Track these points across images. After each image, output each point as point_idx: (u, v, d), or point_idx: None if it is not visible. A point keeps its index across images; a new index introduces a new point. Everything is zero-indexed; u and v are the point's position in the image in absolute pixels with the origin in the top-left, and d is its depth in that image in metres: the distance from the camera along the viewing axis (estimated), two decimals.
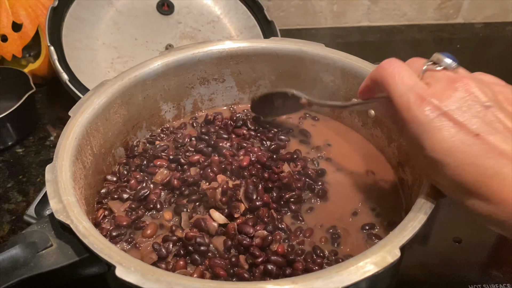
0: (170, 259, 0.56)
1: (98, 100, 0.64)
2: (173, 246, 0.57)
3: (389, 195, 0.65)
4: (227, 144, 0.70)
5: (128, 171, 0.68)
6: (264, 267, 0.52)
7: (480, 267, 0.68)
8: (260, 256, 0.53)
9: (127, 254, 0.44)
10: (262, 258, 0.53)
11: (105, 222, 0.61)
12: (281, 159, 0.67)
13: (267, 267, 0.52)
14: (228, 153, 0.67)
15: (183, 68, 0.75)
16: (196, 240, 0.55)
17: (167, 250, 0.56)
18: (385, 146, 0.70)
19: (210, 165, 0.65)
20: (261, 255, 0.53)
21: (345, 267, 0.42)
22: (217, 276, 0.52)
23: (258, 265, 0.53)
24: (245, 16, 1.09)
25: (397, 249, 0.43)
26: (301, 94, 0.69)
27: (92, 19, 0.98)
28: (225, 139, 0.72)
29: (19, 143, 0.94)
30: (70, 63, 0.92)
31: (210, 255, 0.56)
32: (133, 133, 0.73)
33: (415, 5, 1.32)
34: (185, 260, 0.55)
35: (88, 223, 0.48)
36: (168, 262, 0.55)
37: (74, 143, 0.58)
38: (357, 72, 0.70)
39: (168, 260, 0.56)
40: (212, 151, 0.70)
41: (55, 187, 0.51)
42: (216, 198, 0.59)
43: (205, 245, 0.55)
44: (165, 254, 0.55)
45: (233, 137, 0.73)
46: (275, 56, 0.76)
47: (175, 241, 0.57)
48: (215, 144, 0.70)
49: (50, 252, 0.48)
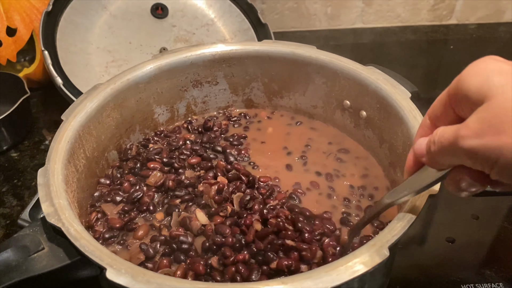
0: (157, 258, 0.56)
1: (91, 103, 0.65)
2: (160, 246, 0.57)
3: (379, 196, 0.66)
4: (235, 152, 0.72)
5: (121, 174, 0.69)
6: (235, 267, 0.53)
7: (473, 267, 0.68)
8: (230, 256, 0.53)
9: (118, 257, 0.45)
10: (232, 258, 0.53)
11: (98, 225, 0.61)
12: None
13: (238, 267, 0.52)
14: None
15: (176, 71, 0.75)
16: (179, 238, 0.56)
17: (154, 250, 0.56)
18: (377, 147, 0.71)
19: (214, 168, 0.67)
20: (231, 255, 0.54)
21: (334, 267, 0.42)
22: (198, 273, 0.53)
23: (228, 265, 0.53)
24: (239, 19, 1.10)
25: (386, 248, 0.44)
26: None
27: (86, 23, 0.98)
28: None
29: (14, 147, 0.94)
30: (64, 67, 0.92)
31: (193, 254, 0.56)
32: (126, 136, 0.74)
33: (408, 7, 1.32)
34: (169, 259, 0.56)
35: (80, 226, 0.48)
36: (156, 262, 0.56)
37: (66, 146, 0.58)
38: (348, 74, 0.70)
39: (155, 260, 0.56)
40: (213, 158, 0.71)
41: (47, 191, 0.52)
42: (210, 194, 0.59)
43: (187, 244, 0.56)
44: (152, 254, 0.56)
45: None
46: (268, 58, 0.77)
47: (162, 241, 0.57)
48: (224, 149, 0.72)
49: (42, 255, 0.48)
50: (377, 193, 0.66)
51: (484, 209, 0.76)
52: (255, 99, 0.83)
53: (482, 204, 0.77)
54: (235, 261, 0.53)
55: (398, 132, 0.63)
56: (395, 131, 0.64)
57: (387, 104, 0.65)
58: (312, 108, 0.80)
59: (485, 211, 0.75)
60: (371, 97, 0.68)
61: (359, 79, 0.69)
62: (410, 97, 0.63)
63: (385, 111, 0.66)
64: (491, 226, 0.74)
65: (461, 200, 0.77)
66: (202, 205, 0.61)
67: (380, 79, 0.67)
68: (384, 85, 0.66)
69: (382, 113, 0.67)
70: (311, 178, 0.69)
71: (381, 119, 0.68)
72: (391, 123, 0.65)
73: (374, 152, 0.72)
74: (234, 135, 0.77)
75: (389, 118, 0.65)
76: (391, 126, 0.65)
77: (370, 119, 0.70)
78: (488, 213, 0.75)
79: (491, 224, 0.75)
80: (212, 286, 0.42)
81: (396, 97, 0.64)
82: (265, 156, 0.73)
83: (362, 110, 0.71)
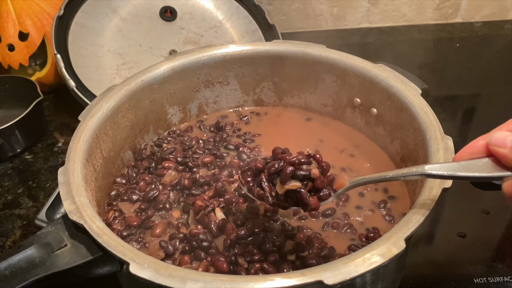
0: (177, 255, 0.57)
1: (107, 104, 0.66)
2: (179, 243, 0.58)
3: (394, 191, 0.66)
4: (247, 150, 0.73)
5: (136, 174, 0.70)
6: (260, 265, 0.54)
7: (485, 261, 0.69)
8: (257, 254, 0.55)
9: (140, 252, 0.46)
10: (259, 256, 0.55)
11: (115, 223, 0.62)
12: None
13: (263, 265, 0.54)
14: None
15: (188, 72, 0.77)
16: (199, 236, 0.57)
17: (173, 247, 0.58)
18: (388, 144, 0.71)
19: (230, 167, 0.68)
20: (258, 253, 0.55)
21: (352, 258, 0.43)
22: (221, 270, 0.54)
23: (255, 262, 0.54)
24: (247, 21, 1.11)
25: (402, 240, 0.44)
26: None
27: (97, 27, 1.00)
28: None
29: (27, 150, 0.95)
30: (76, 70, 0.94)
31: (213, 252, 0.57)
32: (141, 136, 0.75)
33: (414, 6, 1.33)
34: (190, 256, 0.57)
35: (101, 222, 0.50)
36: (175, 259, 0.57)
37: (84, 146, 0.60)
38: (358, 71, 0.71)
39: (175, 257, 0.57)
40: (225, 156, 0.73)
41: (68, 189, 0.53)
42: (229, 190, 0.60)
43: (207, 241, 0.57)
44: (172, 251, 0.57)
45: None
46: (278, 58, 0.78)
47: (181, 239, 0.58)
48: (237, 147, 0.74)
49: (65, 252, 0.49)
50: (391, 188, 0.67)
51: (494, 204, 0.76)
52: (265, 99, 0.84)
53: (492, 199, 0.77)
54: (261, 259, 0.54)
55: (409, 128, 0.64)
56: (407, 128, 0.65)
57: (398, 101, 0.66)
58: (322, 107, 0.81)
59: (495, 206, 0.76)
60: (382, 95, 0.69)
61: (369, 77, 0.70)
62: (420, 94, 0.64)
63: (396, 108, 0.67)
64: (502, 220, 0.75)
65: (472, 195, 0.78)
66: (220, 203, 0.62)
67: (390, 77, 0.68)
68: (395, 82, 0.67)
69: (393, 110, 0.68)
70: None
71: (392, 116, 0.69)
72: (402, 120, 0.66)
73: (385, 149, 0.73)
74: (246, 133, 0.79)
75: (400, 115, 0.66)
76: (402, 122, 0.66)
77: (381, 116, 0.71)
78: (498, 208, 0.76)
79: (502, 219, 0.75)
80: (234, 279, 0.43)
81: (407, 94, 0.64)
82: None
83: (373, 108, 0.72)
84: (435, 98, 1.06)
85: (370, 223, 0.62)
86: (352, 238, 0.60)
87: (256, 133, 0.79)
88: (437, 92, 1.09)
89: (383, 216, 0.63)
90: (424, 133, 0.59)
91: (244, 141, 0.77)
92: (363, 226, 0.62)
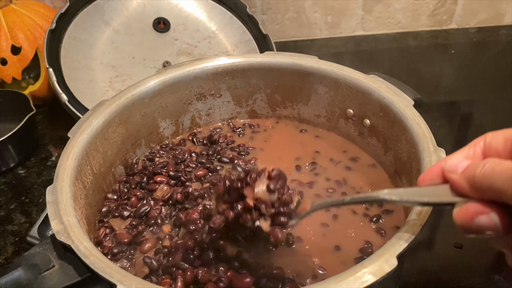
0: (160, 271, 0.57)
1: (97, 120, 0.65)
2: (163, 258, 0.57)
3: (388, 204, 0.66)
4: (242, 163, 0.73)
5: (128, 189, 0.69)
6: None
7: (482, 272, 0.68)
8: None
9: (128, 273, 0.45)
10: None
11: (106, 240, 0.61)
12: None
13: None
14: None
15: (179, 85, 0.76)
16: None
17: (158, 262, 0.57)
18: (382, 155, 0.71)
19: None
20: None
21: (344, 277, 0.43)
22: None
23: None
24: (241, 31, 1.11)
25: (394, 258, 0.44)
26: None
27: (89, 40, 0.99)
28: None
29: (21, 165, 0.95)
30: (69, 83, 0.93)
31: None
32: (132, 151, 0.74)
33: (408, 13, 1.33)
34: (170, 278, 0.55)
35: (89, 243, 0.49)
36: (160, 275, 0.56)
37: (73, 164, 0.59)
38: (350, 83, 0.71)
39: (159, 273, 0.56)
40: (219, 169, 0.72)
41: (56, 208, 0.52)
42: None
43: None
44: (156, 266, 0.56)
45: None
46: (270, 70, 0.78)
47: (165, 253, 0.58)
48: (232, 159, 0.73)
49: (53, 273, 0.49)
50: None
51: None
52: (258, 110, 0.84)
53: None
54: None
55: (402, 140, 0.63)
56: (399, 139, 0.64)
57: (391, 112, 0.65)
58: (315, 118, 0.80)
59: None
60: (374, 106, 0.69)
61: (362, 88, 0.70)
62: (413, 105, 0.64)
63: (389, 119, 0.66)
64: None
65: None
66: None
67: (382, 88, 0.67)
68: (387, 93, 0.66)
69: (386, 121, 0.67)
70: (322, 185, 0.69)
71: (385, 127, 0.68)
72: (395, 131, 0.65)
73: (379, 160, 0.72)
74: (240, 145, 0.78)
75: (393, 126, 0.65)
76: (395, 134, 0.65)
77: (374, 127, 0.71)
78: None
79: None
80: None
81: (399, 105, 0.64)
82: (272, 165, 0.73)
83: (366, 119, 0.72)
84: (431, 105, 1.06)
85: (364, 237, 0.61)
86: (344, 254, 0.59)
87: (250, 146, 0.78)
88: (433, 99, 1.08)
89: (374, 230, 0.62)
90: (417, 145, 0.58)
91: (238, 153, 0.76)
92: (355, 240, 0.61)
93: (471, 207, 0.37)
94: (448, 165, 0.40)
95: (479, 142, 0.40)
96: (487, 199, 0.36)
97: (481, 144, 0.40)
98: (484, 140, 0.40)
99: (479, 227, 0.36)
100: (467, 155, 0.41)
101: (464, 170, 0.38)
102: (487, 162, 0.36)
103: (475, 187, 0.37)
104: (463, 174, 0.38)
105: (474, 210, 0.37)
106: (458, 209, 0.38)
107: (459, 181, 0.38)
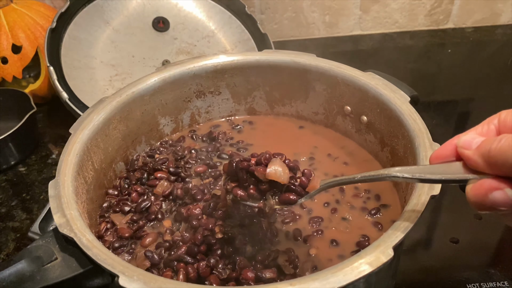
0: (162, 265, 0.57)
1: (98, 117, 0.66)
2: (165, 252, 0.58)
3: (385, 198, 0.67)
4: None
5: (129, 185, 0.70)
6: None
7: (478, 266, 0.69)
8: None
9: (129, 264, 0.46)
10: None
11: (107, 235, 0.62)
12: None
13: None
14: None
15: (179, 82, 0.77)
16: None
17: (159, 256, 0.58)
18: (379, 151, 0.72)
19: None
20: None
21: (341, 268, 0.43)
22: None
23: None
24: (239, 30, 1.12)
25: (390, 249, 0.45)
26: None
27: (89, 39, 1.00)
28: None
29: (21, 162, 0.96)
30: (69, 82, 0.94)
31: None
32: (133, 147, 0.75)
33: (405, 13, 1.34)
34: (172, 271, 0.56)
35: (91, 235, 0.50)
36: (161, 268, 0.57)
37: (75, 159, 0.60)
38: (348, 80, 0.72)
39: (160, 266, 0.57)
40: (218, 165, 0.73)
41: (58, 202, 0.53)
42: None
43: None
44: (158, 260, 0.57)
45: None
46: (269, 68, 0.79)
47: (166, 247, 0.59)
48: (231, 156, 0.74)
49: (55, 265, 0.49)
50: (383, 196, 0.67)
51: None
52: (257, 108, 0.85)
53: None
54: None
55: (398, 136, 0.64)
56: (396, 135, 0.65)
57: (387, 109, 0.66)
58: (313, 115, 0.81)
59: None
60: (371, 102, 0.69)
61: (359, 85, 0.71)
62: (409, 101, 0.65)
63: (385, 115, 0.67)
64: (494, 226, 0.75)
65: (464, 201, 0.78)
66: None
67: (379, 85, 0.68)
68: (384, 90, 0.67)
69: (383, 118, 0.68)
70: None
71: (382, 124, 0.69)
72: (391, 127, 0.66)
73: (376, 156, 0.73)
74: (239, 142, 0.79)
75: (390, 122, 0.66)
76: (391, 130, 0.66)
77: (371, 124, 0.72)
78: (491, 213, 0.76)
79: (494, 224, 0.75)
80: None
81: (396, 102, 0.65)
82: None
83: (363, 115, 0.73)
84: (429, 103, 1.07)
85: (361, 231, 0.62)
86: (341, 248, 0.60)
87: (249, 142, 0.79)
88: (430, 98, 1.09)
89: (372, 223, 0.63)
90: (413, 140, 0.59)
91: (237, 149, 0.77)
92: (352, 234, 0.62)
93: (485, 182, 0.36)
94: (462, 141, 0.40)
95: (493, 120, 0.40)
96: (502, 175, 0.36)
97: (495, 121, 0.40)
98: (498, 117, 0.40)
99: (494, 203, 0.36)
100: (480, 132, 0.40)
101: (478, 145, 0.38)
102: (503, 138, 0.36)
103: (489, 162, 0.36)
104: (478, 149, 0.38)
105: (488, 186, 0.36)
106: (471, 185, 0.38)
107: (473, 156, 0.38)
